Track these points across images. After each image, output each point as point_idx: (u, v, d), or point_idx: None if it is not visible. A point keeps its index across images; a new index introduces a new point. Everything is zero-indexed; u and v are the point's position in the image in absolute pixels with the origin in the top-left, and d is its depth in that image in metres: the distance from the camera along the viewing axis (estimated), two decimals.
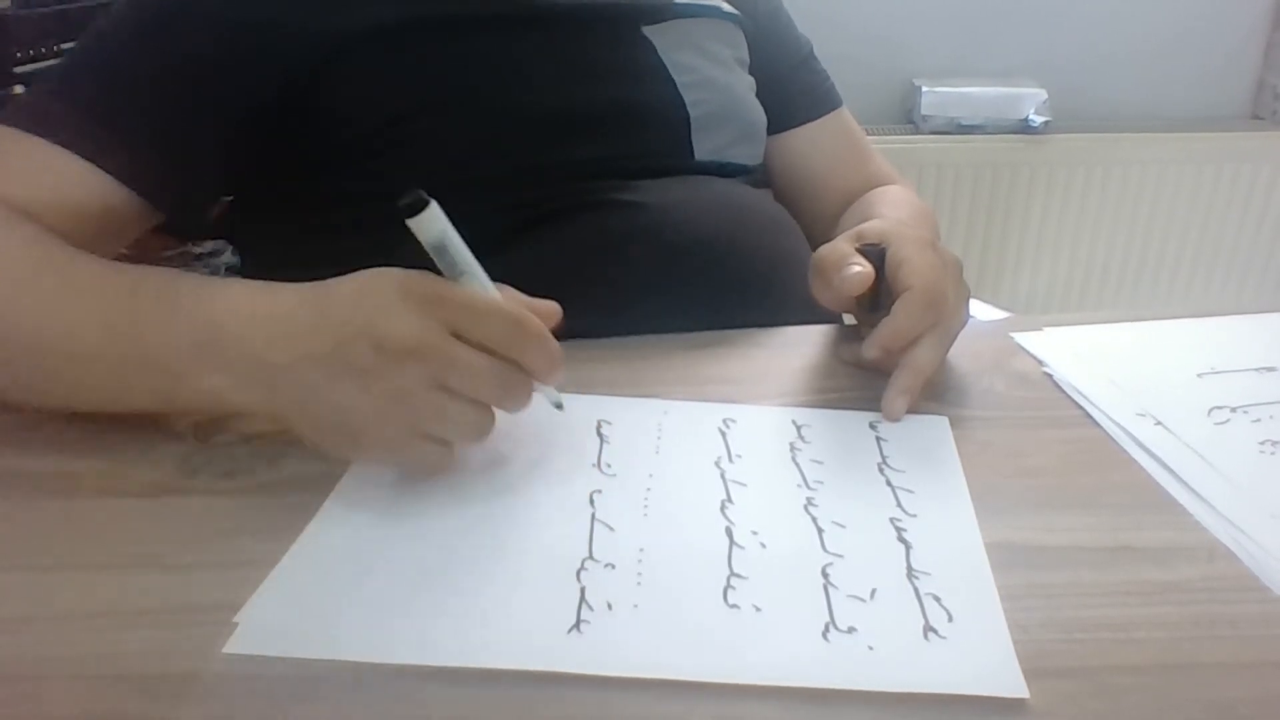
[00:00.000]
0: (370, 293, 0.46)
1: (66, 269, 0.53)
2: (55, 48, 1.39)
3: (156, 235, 0.70)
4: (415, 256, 0.70)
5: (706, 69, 0.76)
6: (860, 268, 0.56)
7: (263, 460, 0.50)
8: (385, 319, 0.44)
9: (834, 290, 0.57)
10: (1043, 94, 1.78)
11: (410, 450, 0.46)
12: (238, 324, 0.48)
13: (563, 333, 0.63)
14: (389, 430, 0.45)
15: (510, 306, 0.46)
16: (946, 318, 0.56)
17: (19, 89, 1.29)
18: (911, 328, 0.55)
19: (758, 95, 0.82)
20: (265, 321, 0.48)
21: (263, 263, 0.78)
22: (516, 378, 0.46)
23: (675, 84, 0.73)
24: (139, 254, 0.70)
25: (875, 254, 0.58)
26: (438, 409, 0.45)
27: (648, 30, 0.74)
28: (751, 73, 0.83)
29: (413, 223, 0.44)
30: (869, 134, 0.92)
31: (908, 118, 1.87)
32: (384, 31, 0.66)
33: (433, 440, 0.46)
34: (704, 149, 0.74)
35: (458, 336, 0.44)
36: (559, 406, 0.51)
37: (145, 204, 0.63)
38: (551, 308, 0.49)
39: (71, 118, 0.61)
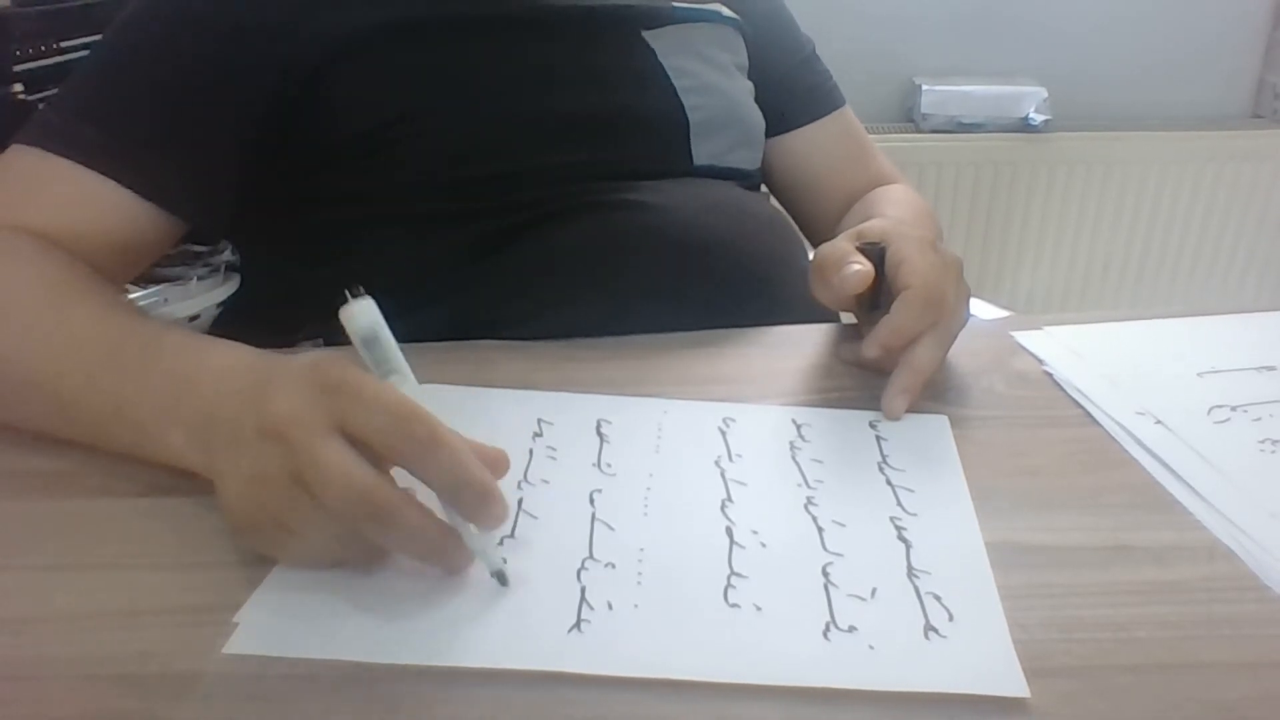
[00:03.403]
0: (287, 369, 0.42)
1: (65, 311, 0.53)
2: (55, 46, 1.39)
3: None
4: (408, 262, 0.69)
5: (706, 74, 0.76)
6: (860, 266, 0.56)
7: None
8: (273, 394, 0.40)
9: (834, 289, 0.57)
10: (1043, 93, 1.78)
11: (276, 543, 0.41)
12: (209, 383, 0.46)
13: (564, 332, 0.63)
14: (248, 513, 0.41)
15: (413, 405, 0.39)
16: (946, 317, 0.56)
17: (19, 88, 1.29)
18: (911, 326, 0.55)
19: (760, 96, 0.82)
20: (224, 381, 0.45)
21: (262, 262, 0.78)
22: (390, 499, 0.38)
23: (675, 89, 0.73)
24: None
25: (875, 253, 0.58)
26: (291, 504, 0.39)
27: (647, 35, 0.74)
28: (752, 75, 0.83)
29: (342, 314, 0.40)
30: (869, 133, 0.92)
31: (908, 116, 1.87)
32: (384, 32, 0.66)
33: (293, 534, 0.40)
34: (703, 154, 0.74)
35: (348, 431, 0.38)
36: (500, 579, 0.41)
37: (176, 220, 0.64)
38: (499, 455, 0.43)
39: (98, 139, 0.61)
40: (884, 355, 0.56)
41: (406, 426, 0.38)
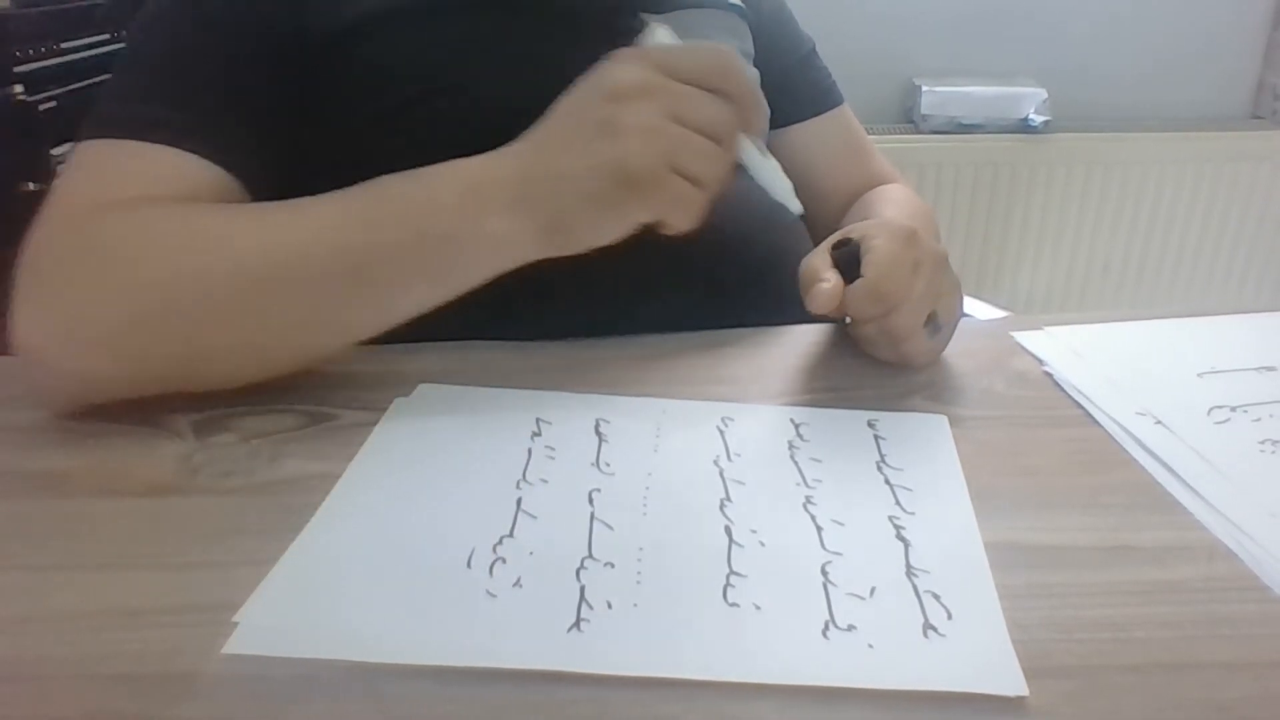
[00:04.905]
0: (582, 79, 0.53)
1: (279, 207, 0.55)
2: (55, 47, 1.39)
3: None
4: None
5: None
6: (827, 284, 0.56)
7: (263, 460, 0.50)
8: (606, 75, 0.51)
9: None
10: (1043, 94, 1.78)
11: (672, 186, 0.50)
12: (495, 165, 0.53)
13: (563, 332, 0.63)
14: (650, 166, 0.50)
15: (700, 45, 0.53)
16: (908, 303, 0.56)
17: (19, 89, 1.29)
18: (860, 317, 0.57)
19: (760, 90, 0.82)
20: (511, 155, 0.53)
21: None
22: (729, 107, 0.51)
23: None
24: None
25: (851, 252, 0.57)
26: (682, 139, 0.50)
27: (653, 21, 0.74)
28: (755, 66, 0.83)
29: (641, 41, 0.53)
30: (869, 134, 0.92)
31: (908, 117, 1.87)
32: (392, 13, 0.65)
33: (684, 177, 0.50)
34: None
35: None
36: (790, 201, 0.56)
37: (244, 190, 0.62)
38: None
39: (169, 118, 0.60)
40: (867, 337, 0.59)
41: (723, 57, 0.52)
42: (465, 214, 0.52)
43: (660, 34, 0.52)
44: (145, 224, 0.55)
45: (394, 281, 0.53)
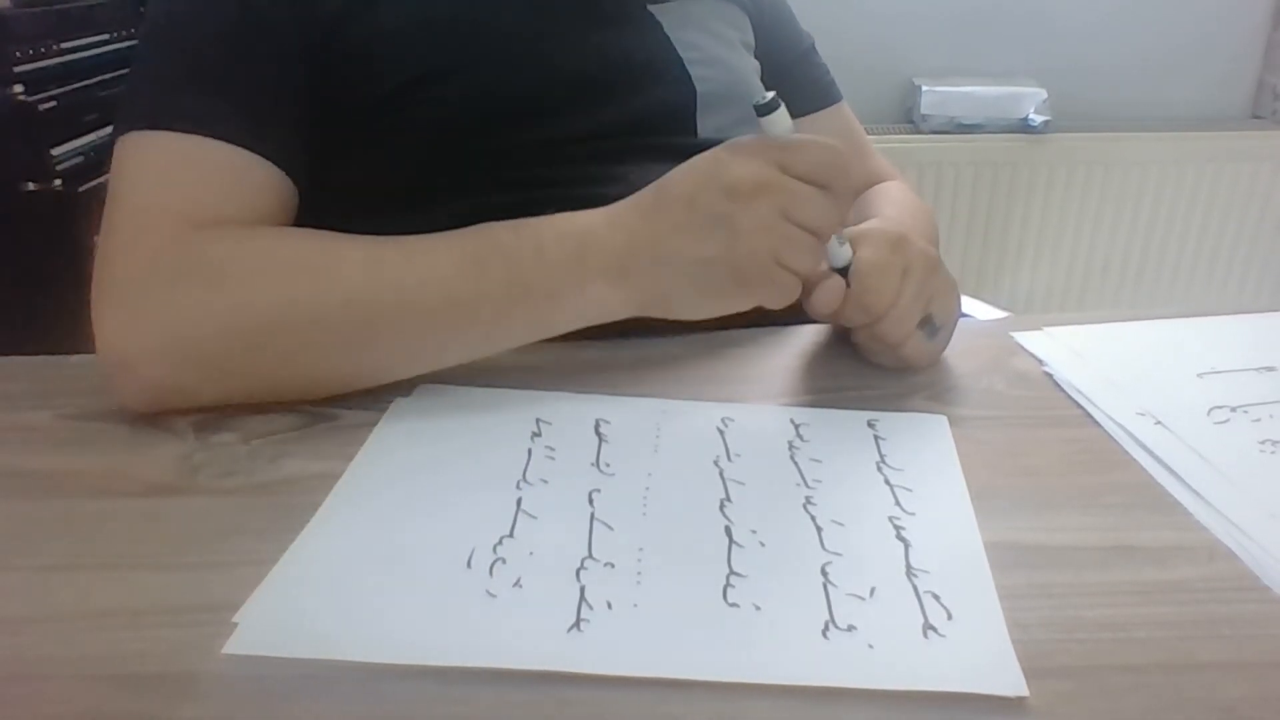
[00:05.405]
0: (699, 161, 0.53)
1: (387, 243, 0.55)
2: (55, 47, 1.39)
3: None
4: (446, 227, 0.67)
5: (713, 48, 0.76)
6: (827, 293, 0.56)
7: (263, 460, 0.50)
8: (727, 169, 0.52)
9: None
10: (1043, 94, 1.78)
11: (778, 280, 0.52)
12: (605, 230, 0.54)
13: (564, 333, 0.63)
14: (761, 263, 0.51)
15: (820, 138, 0.53)
16: (899, 309, 0.56)
17: (19, 89, 1.29)
18: (851, 323, 0.58)
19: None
20: (621, 219, 0.54)
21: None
22: (836, 204, 0.52)
23: (682, 61, 0.73)
24: None
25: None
26: (790, 237, 0.51)
27: (654, 9, 0.74)
28: (754, 60, 0.82)
29: (764, 121, 0.53)
30: (869, 133, 0.92)
31: (908, 117, 1.87)
32: None
33: (788, 271, 0.52)
34: (708, 128, 0.73)
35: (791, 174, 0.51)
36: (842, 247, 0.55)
37: (294, 190, 0.62)
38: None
39: (230, 114, 0.58)
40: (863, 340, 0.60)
41: (838, 155, 0.52)
42: (570, 275, 0.54)
43: (779, 120, 0.52)
44: (255, 249, 0.55)
45: (494, 327, 0.55)
